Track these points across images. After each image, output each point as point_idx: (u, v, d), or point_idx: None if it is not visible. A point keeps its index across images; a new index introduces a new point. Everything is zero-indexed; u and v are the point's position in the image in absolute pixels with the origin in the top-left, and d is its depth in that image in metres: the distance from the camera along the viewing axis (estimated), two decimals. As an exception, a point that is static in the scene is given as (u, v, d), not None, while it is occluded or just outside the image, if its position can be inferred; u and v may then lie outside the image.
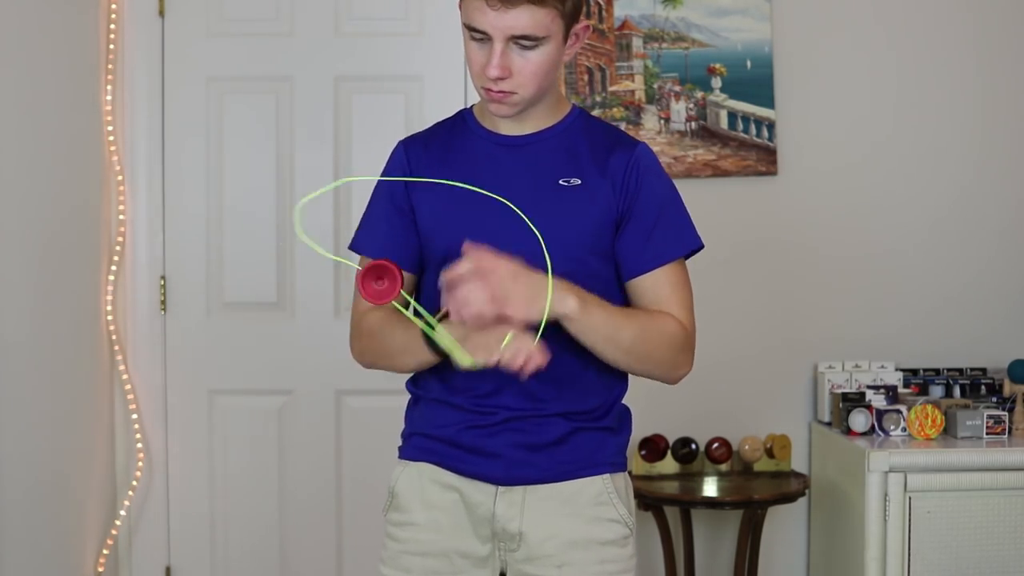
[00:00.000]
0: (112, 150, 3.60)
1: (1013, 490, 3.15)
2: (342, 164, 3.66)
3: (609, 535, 2.07)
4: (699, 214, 3.64)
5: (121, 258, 3.64)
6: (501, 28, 1.91)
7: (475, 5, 1.92)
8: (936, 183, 3.71)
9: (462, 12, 1.97)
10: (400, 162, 2.11)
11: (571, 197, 2.02)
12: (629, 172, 2.04)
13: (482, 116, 2.11)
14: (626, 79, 3.67)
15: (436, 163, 2.08)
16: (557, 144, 2.06)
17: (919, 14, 3.71)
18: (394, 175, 2.09)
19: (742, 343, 3.70)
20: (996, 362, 3.64)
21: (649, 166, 2.07)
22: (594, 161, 2.05)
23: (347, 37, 3.68)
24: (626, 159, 2.05)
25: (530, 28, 1.92)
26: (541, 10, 1.91)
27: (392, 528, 2.13)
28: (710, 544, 3.71)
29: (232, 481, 3.71)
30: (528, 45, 1.93)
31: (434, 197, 2.05)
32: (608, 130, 2.12)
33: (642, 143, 2.10)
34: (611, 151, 2.05)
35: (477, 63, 1.97)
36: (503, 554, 2.07)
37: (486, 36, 1.93)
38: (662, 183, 2.09)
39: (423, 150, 2.10)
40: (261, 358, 3.70)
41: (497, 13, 1.90)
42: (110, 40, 3.58)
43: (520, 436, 2.05)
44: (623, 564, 2.09)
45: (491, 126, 2.08)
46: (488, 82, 1.96)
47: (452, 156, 2.08)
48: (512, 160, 2.05)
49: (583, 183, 2.03)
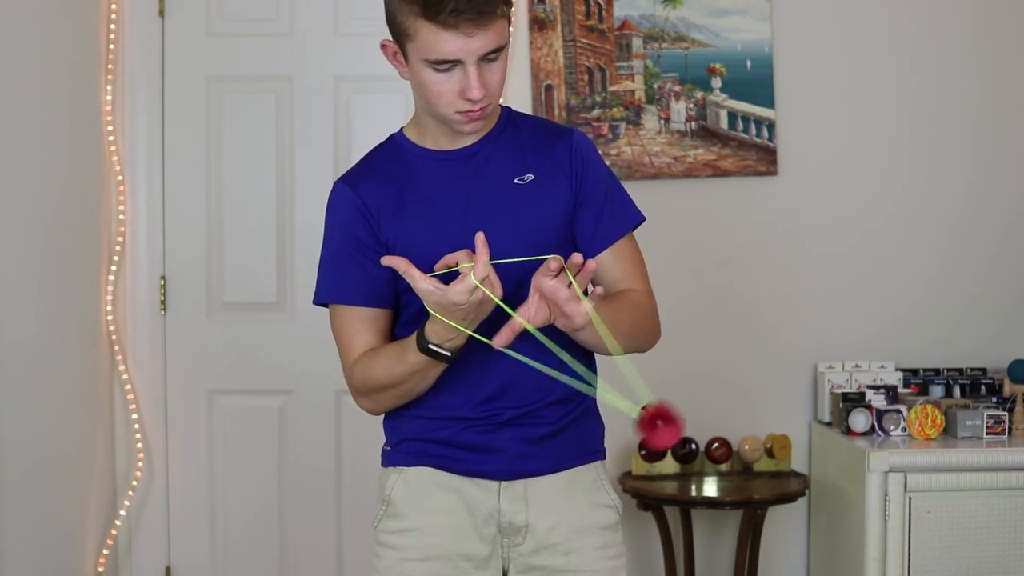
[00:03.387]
0: (112, 150, 3.60)
1: (1013, 490, 3.15)
2: (342, 164, 3.65)
3: (606, 520, 2.12)
4: (699, 214, 3.69)
5: (121, 258, 3.64)
6: (473, 51, 1.91)
7: (441, 38, 1.89)
8: (936, 183, 3.71)
9: (413, 49, 1.93)
10: (353, 202, 2.06)
11: (529, 192, 2.05)
12: (575, 157, 2.08)
13: (420, 137, 2.09)
14: (626, 79, 3.67)
15: (391, 194, 2.06)
16: (502, 146, 2.08)
17: (919, 14, 3.70)
18: (350, 215, 2.05)
19: (742, 343, 3.70)
20: (996, 362, 3.64)
21: (588, 149, 2.12)
22: (539, 154, 2.08)
23: (347, 37, 3.68)
24: (568, 146, 2.09)
25: (497, 41, 1.94)
26: (503, 21, 1.94)
27: (387, 537, 2.11)
28: (710, 544, 3.71)
29: (232, 481, 3.71)
30: (493, 57, 1.95)
31: (406, 227, 2.04)
32: (539, 122, 2.17)
33: (576, 129, 2.15)
34: (553, 141, 2.09)
35: (448, 91, 1.95)
36: (506, 551, 2.08)
37: (454, 63, 1.92)
38: (602, 165, 2.14)
39: (372, 185, 2.07)
40: (261, 358, 3.70)
41: (468, 38, 1.90)
42: (110, 40, 3.58)
43: (521, 430, 2.06)
44: (619, 549, 2.14)
45: (433, 145, 2.08)
46: (467, 104, 1.96)
47: (404, 183, 2.06)
48: (466, 172, 2.06)
49: (536, 177, 2.06)
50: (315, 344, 3.66)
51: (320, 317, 3.63)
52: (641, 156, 3.65)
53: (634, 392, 1.88)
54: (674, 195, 3.65)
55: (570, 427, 2.10)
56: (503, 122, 2.11)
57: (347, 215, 2.06)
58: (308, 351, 3.67)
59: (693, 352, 3.65)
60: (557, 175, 2.07)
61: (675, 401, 3.87)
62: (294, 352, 3.69)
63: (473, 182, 2.05)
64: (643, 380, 1.88)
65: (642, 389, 1.89)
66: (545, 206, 2.05)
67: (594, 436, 2.16)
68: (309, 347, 3.67)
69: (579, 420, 2.12)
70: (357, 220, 2.05)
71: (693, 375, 3.68)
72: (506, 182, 2.05)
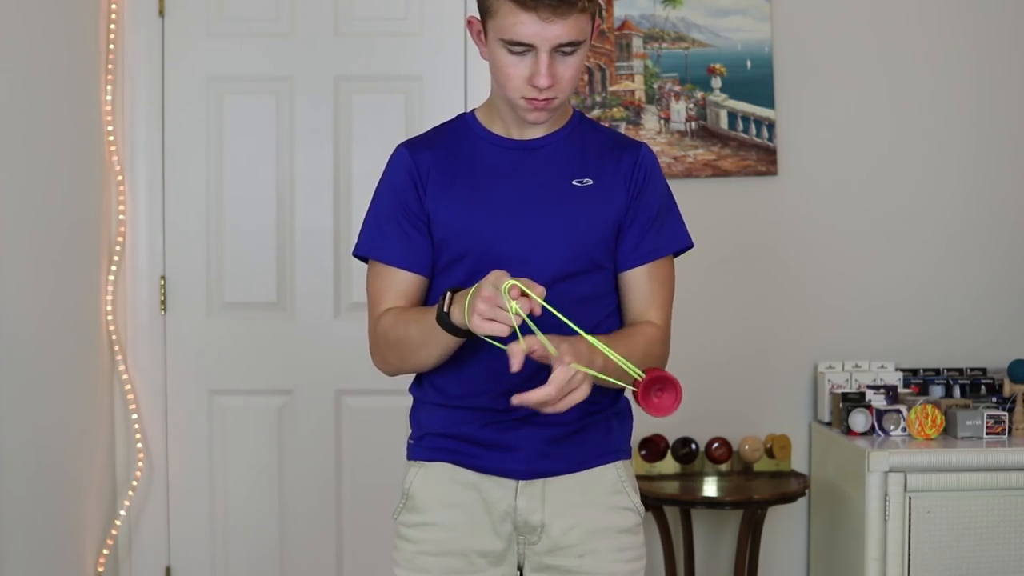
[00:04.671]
0: (112, 150, 3.60)
1: (1013, 490, 3.15)
2: (342, 164, 3.65)
3: (625, 523, 2.12)
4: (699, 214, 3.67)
5: (121, 258, 3.64)
6: (548, 38, 1.94)
7: (519, 19, 1.93)
8: (936, 183, 3.71)
9: (492, 28, 1.98)
10: (407, 166, 2.11)
11: (585, 196, 2.07)
12: (637, 170, 2.11)
13: (489, 121, 2.12)
14: (626, 79, 3.67)
15: (446, 169, 2.09)
16: (566, 146, 2.11)
17: (919, 14, 3.70)
18: (401, 179, 2.10)
19: (742, 343, 3.70)
20: (996, 362, 3.64)
21: (653, 165, 2.15)
22: (603, 161, 2.10)
23: (347, 37, 3.67)
24: (634, 158, 2.12)
25: (574, 35, 1.95)
26: (583, 16, 1.95)
27: (405, 529, 2.13)
28: (710, 544, 3.71)
29: (232, 481, 3.71)
30: (569, 51, 1.97)
31: (449, 204, 2.07)
32: (608, 131, 2.20)
33: (644, 144, 2.17)
34: (618, 151, 2.12)
35: (518, 75, 1.98)
36: (522, 548, 2.09)
37: (529, 47, 1.95)
38: (663, 183, 2.17)
39: (429, 155, 2.11)
40: (261, 358, 3.70)
41: (545, 24, 1.92)
42: (110, 40, 3.58)
43: (540, 429, 2.07)
44: (638, 551, 2.14)
45: (502, 131, 2.11)
46: (533, 91, 1.98)
47: (462, 161, 2.10)
48: (526, 163, 2.09)
49: (595, 183, 2.08)
50: (315, 344, 3.66)
51: (320, 317, 3.67)
52: (641, 156, 3.64)
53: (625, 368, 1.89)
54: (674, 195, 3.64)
55: (591, 427, 2.10)
56: (574, 123, 2.14)
57: (400, 179, 2.11)
58: (308, 351, 3.67)
59: (693, 352, 3.65)
60: (617, 185, 2.09)
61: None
62: (294, 352, 3.69)
63: (529, 175, 2.08)
64: None
65: (630, 368, 1.89)
66: (597, 213, 2.07)
67: (618, 436, 2.15)
68: (309, 347, 3.67)
69: (601, 419, 2.11)
70: (408, 185, 2.09)
71: (693, 375, 3.66)
72: (563, 181, 2.08)
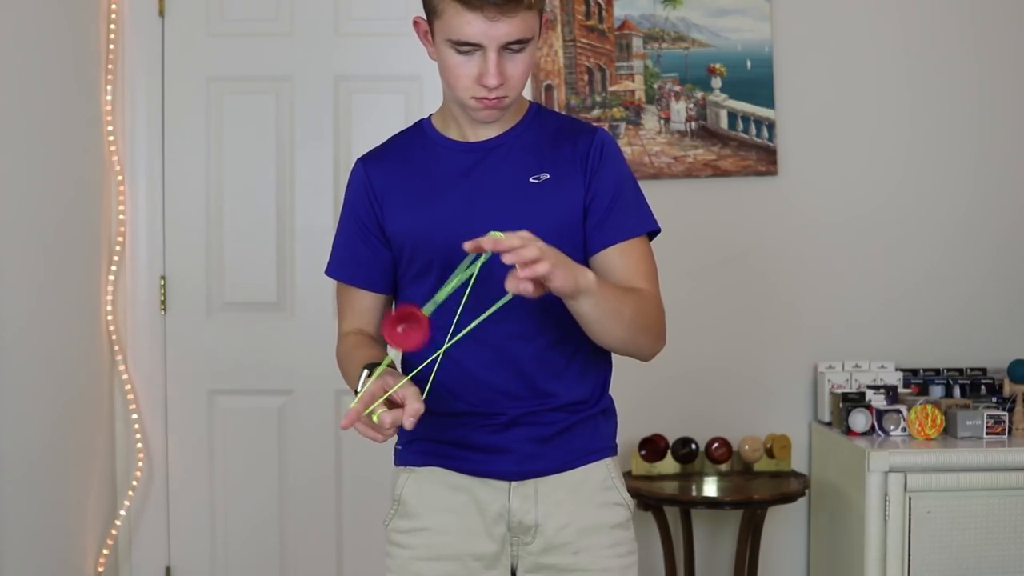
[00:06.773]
0: (112, 150, 3.60)
1: (1013, 490, 3.15)
2: (342, 164, 3.65)
3: (616, 519, 2.12)
4: (699, 214, 3.69)
5: (121, 258, 3.64)
6: (496, 37, 1.92)
7: (465, 19, 1.90)
8: (936, 183, 3.71)
9: (439, 28, 1.95)
10: (362, 182, 2.10)
11: (541, 193, 2.03)
12: (593, 154, 2.06)
13: (444, 125, 2.10)
14: (626, 79, 3.67)
15: (401, 178, 2.08)
16: (523, 142, 2.08)
17: (919, 13, 3.71)
18: (358, 195, 2.11)
19: (742, 343, 3.70)
20: (996, 362, 3.64)
21: (611, 147, 2.09)
22: (559, 150, 2.06)
23: (347, 37, 3.68)
24: (588, 141, 2.07)
25: (522, 32, 1.93)
26: (530, 12, 1.93)
27: (398, 536, 2.12)
28: (710, 544, 3.71)
29: (232, 481, 3.71)
30: (517, 49, 1.95)
31: (406, 212, 2.06)
32: (565, 119, 2.16)
33: (601, 128, 2.13)
34: (574, 136, 2.08)
35: (466, 75, 1.96)
36: (515, 549, 2.08)
37: (476, 47, 1.93)
38: (623, 166, 2.10)
39: (383, 166, 2.10)
40: (261, 358, 3.70)
41: (492, 23, 1.90)
42: (110, 40, 3.58)
43: (529, 430, 2.06)
44: (630, 546, 2.15)
45: (456, 134, 2.09)
46: (483, 91, 1.96)
47: (417, 168, 2.08)
48: (481, 165, 2.06)
49: (551, 176, 2.05)
50: (315, 344, 3.66)
51: (320, 317, 3.67)
52: (641, 156, 3.65)
53: None
54: (674, 195, 3.65)
55: (578, 426, 2.09)
56: (529, 118, 2.10)
57: (356, 195, 2.12)
58: (308, 351, 3.67)
59: (693, 352, 3.65)
60: (572, 172, 2.04)
61: (676, 400, 3.88)
62: (294, 352, 3.69)
63: (486, 176, 2.05)
64: None
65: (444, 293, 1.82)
66: (556, 207, 2.03)
67: (604, 433, 2.15)
68: (309, 347, 3.67)
69: (588, 418, 2.11)
70: (363, 201, 2.10)
71: (693, 375, 3.68)
72: (521, 180, 2.04)
